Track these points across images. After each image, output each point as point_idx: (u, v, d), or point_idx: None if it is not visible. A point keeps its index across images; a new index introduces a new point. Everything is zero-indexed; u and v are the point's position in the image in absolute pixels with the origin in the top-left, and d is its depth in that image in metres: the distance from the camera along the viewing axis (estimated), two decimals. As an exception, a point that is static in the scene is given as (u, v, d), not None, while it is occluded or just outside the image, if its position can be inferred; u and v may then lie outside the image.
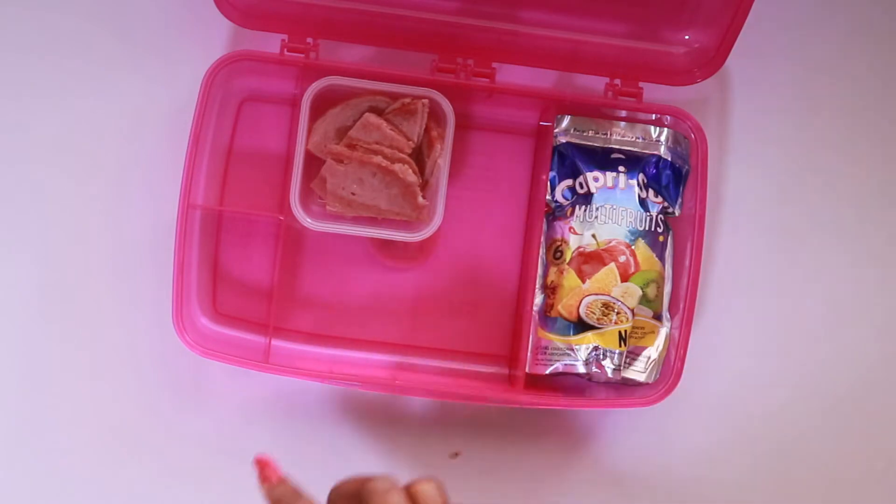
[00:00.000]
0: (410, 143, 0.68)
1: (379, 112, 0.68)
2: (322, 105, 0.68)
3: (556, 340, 0.68)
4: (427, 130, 0.69)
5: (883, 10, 0.75)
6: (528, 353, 0.69)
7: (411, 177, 0.68)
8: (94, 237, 0.71)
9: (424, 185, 0.69)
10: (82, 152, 0.72)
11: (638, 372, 0.69)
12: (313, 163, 0.69)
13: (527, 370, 0.69)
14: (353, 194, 0.68)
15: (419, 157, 0.69)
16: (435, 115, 0.68)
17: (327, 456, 0.71)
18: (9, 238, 0.71)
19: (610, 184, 0.69)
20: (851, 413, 0.74)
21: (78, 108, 0.72)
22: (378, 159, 0.67)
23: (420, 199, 0.68)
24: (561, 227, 0.69)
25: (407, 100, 0.68)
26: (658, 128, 0.70)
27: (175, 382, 0.71)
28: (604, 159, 0.70)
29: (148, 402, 0.71)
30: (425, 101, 0.68)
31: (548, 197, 0.70)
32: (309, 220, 0.67)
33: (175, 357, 0.70)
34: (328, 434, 0.72)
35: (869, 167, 0.75)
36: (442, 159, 0.68)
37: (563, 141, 0.70)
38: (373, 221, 0.69)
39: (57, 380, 0.71)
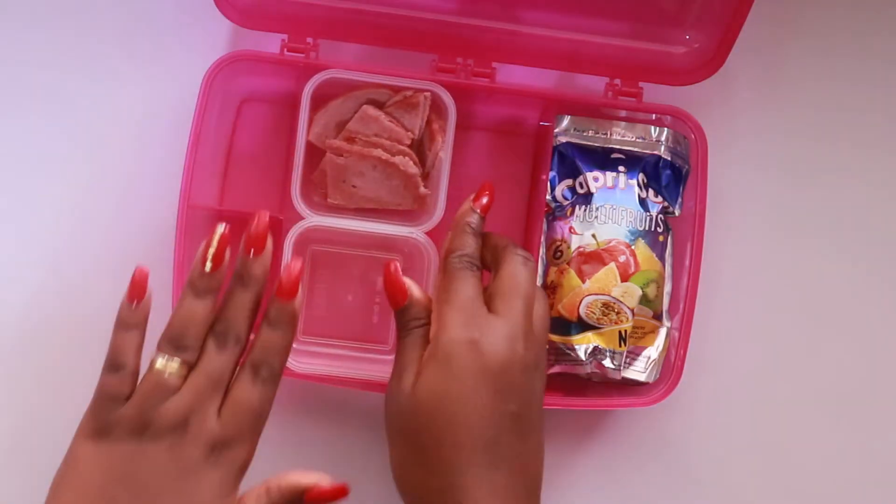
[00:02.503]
0: (409, 134, 0.68)
1: (379, 105, 0.68)
2: (323, 99, 0.68)
3: (556, 340, 0.68)
4: (428, 123, 0.69)
5: (883, 10, 0.75)
6: (528, 353, 0.69)
7: (412, 168, 0.68)
8: (94, 237, 0.71)
9: (426, 178, 0.69)
10: (82, 152, 0.72)
11: (638, 372, 0.69)
12: (315, 155, 0.69)
13: (527, 370, 0.69)
14: (354, 187, 0.69)
15: (420, 149, 0.69)
16: (436, 108, 0.68)
17: (328, 456, 0.71)
18: (9, 238, 0.71)
19: (610, 184, 0.69)
20: (853, 412, 0.74)
21: (78, 108, 0.72)
22: (378, 152, 0.67)
23: (421, 189, 0.68)
24: (561, 227, 0.69)
25: (409, 93, 0.68)
26: (658, 128, 0.70)
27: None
28: (604, 159, 0.70)
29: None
30: (427, 93, 0.68)
31: (548, 197, 0.70)
32: (310, 212, 0.67)
33: (175, 357, 0.70)
34: (329, 434, 0.72)
35: (870, 167, 0.75)
36: (443, 152, 0.68)
37: (563, 141, 0.70)
38: (374, 213, 0.70)
39: (56, 380, 0.71)
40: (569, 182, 0.70)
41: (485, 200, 0.62)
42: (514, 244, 0.62)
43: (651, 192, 0.70)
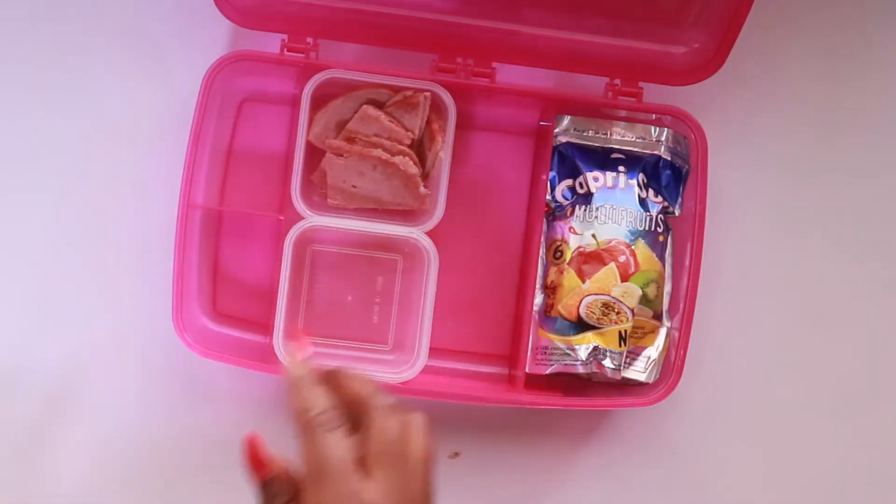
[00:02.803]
0: (409, 134, 0.68)
1: (379, 105, 0.68)
2: (323, 99, 0.68)
3: (556, 340, 0.68)
4: (428, 123, 0.69)
5: (883, 10, 0.75)
6: (528, 353, 0.69)
7: (412, 168, 0.68)
8: (95, 237, 0.71)
9: (426, 178, 0.69)
10: (82, 152, 0.72)
11: (638, 372, 0.69)
12: (315, 155, 0.69)
13: (527, 370, 0.69)
14: (354, 187, 0.69)
15: (420, 150, 0.69)
16: (436, 108, 0.69)
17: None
18: (10, 238, 0.71)
19: (610, 184, 0.69)
20: (853, 412, 0.74)
21: (78, 109, 0.72)
22: (378, 152, 0.67)
23: (421, 189, 0.68)
24: (561, 227, 0.69)
25: (409, 93, 0.68)
26: (658, 128, 0.70)
27: (175, 382, 0.71)
28: (604, 159, 0.70)
29: (147, 402, 0.71)
30: (427, 93, 0.68)
31: (548, 197, 0.70)
32: (310, 212, 0.67)
33: (175, 357, 0.70)
34: (328, 434, 0.72)
35: (869, 167, 0.75)
36: (443, 152, 0.68)
37: (563, 141, 0.70)
38: (374, 213, 0.69)
39: (57, 380, 0.71)
40: (569, 182, 0.70)
41: (306, 352, 0.57)
42: (374, 391, 0.55)
43: (651, 192, 0.70)
